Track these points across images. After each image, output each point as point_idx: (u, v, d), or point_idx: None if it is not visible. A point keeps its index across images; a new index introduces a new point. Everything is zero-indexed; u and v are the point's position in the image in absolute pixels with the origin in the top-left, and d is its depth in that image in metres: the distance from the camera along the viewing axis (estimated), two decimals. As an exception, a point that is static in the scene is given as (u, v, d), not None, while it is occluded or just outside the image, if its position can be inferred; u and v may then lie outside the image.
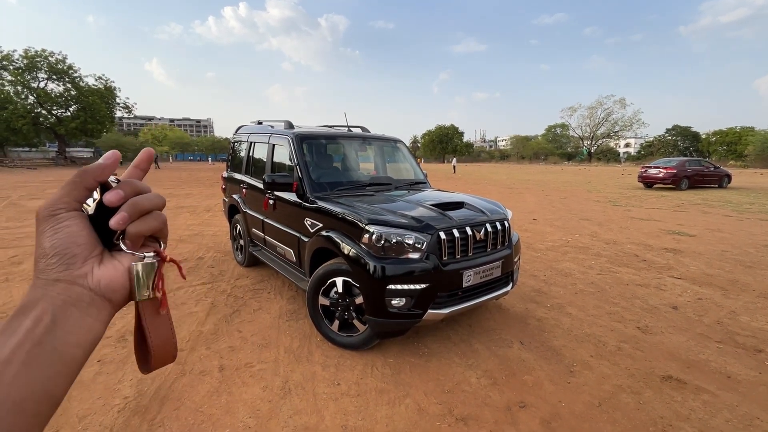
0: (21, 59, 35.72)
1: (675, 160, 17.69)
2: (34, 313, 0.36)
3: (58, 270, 0.39)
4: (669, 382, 2.55)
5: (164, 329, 0.47)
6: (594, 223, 8.58)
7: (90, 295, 0.40)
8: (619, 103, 71.08)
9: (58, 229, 0.40)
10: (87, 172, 0.42)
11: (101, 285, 0.41)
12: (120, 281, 0.42)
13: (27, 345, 0.35)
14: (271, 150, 4.16)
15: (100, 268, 0.41)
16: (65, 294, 0.38)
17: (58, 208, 0.41)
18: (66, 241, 0.40)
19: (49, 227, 0.40)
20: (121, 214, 0.42)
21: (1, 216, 8.89)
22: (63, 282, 0.39)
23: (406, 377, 2.61)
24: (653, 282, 4.55)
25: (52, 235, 0.40)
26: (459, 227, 2.80)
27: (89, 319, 0.39)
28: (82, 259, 0.40)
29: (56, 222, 0.40)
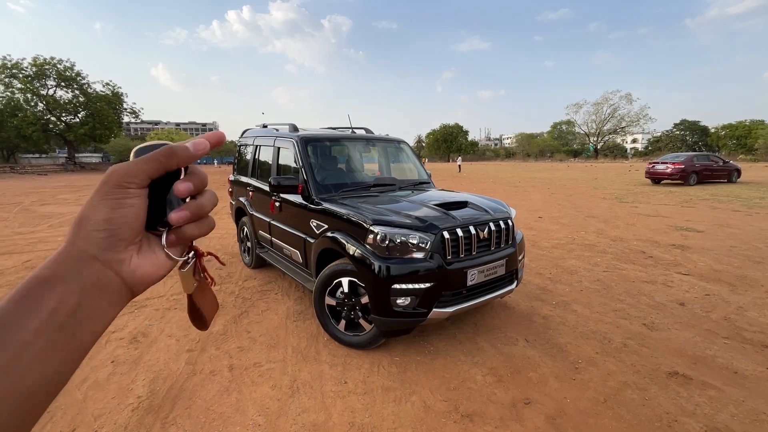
0: (30, 67, 36.37)
1: (683, 155, 17.50)
2: (60, 291, 0.34)
3: (101, 247, 0.36)
4: (675, 378, 2.56)
5: (210, 299, 0.51)
6: (600, 220, 8.54)
7: (119, 282, 0.38)
8: (626, 99, 70.34)
9: (122, 203, 0.37)
10: (175, 155, 0.40)
11: (135, 276, 0.39)
12: (154, 277, 0.41)
13: (49, 328, 0.32)
14: (276, 153, 4.22)
15: (138, 258, 0.39)
16: (96, 276, 0.36)
17: (132, 181, 0.38)
18: (123, 221, 0.37)
19: (114, 198, 0.37)
20: (183, 213, 0.41)
21: (15, 221, 9.08)
22: (99, 262, 0.36)
23: (412, 375, 2.65)
24: (660, 278, 4.54)
25: (113, 208, 0.37)
26: (462, 226, 2.83)
27: (109, 307, 0.37)
28: (126, 243, 0.38)
29: (124, 195, 0.37)
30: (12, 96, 35.96)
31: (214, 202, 0.45)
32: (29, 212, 10.61)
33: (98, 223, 0.36)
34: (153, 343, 3.07)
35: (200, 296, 0.49)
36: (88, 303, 0.35)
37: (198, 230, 0.43)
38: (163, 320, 3.50)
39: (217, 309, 0.52)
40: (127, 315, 3.61)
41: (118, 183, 0.37)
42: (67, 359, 0.34)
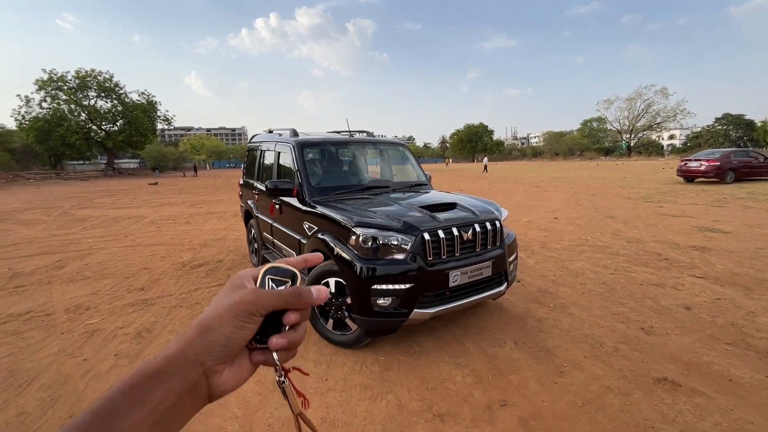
0: (74, 79, 38.93)
1: (719, 151, 16.52)
2: (165, 388, 0.37)
3: (212, 357, 0.40)
4: (662, 384, 2.47)
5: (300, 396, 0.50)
6: (619, 221, 8.23)
7: (206, 390, 0.41)
8: (661, 93, 66.92)
9: (244, 327, 0.41)
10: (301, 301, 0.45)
11: (219, 387, 0.42)
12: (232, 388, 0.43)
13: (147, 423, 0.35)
14: (277, 157, 4.37)
15: (230, 370, 0.42)
16: (194, 381, 0.39)
17: (260, 311, 0.42)
18: (240, 341, 0.41)
19: (241, 321, 0.41)
20: (282, 341, 0.44)
21: (53, 224, 9.78)
22: (203, 369, 0.39)
23: (393, 374, 2.69)
24: (670, 282, 4.35)
25: (237, 329, 0.41)
26: (444, 228, 2.85)
27: (192, 410, 0.40)
28: (230, 357, 0.42)
29: (249, 321, 0.42)
30: (58, 107, 38.65)
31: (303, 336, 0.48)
32: (67, 215, 11.38)
33: (220, 338, 0.40)
34: (155, 339, 3.27)
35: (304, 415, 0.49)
36: (180, 403, 0.38)
37: (286, 357, 0.46)
38: (168, 317, 3.71)
39: None
40: (135, 312, 3.85)
41: (250, 310, 0.42)
42: None
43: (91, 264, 5.79)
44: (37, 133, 36.92)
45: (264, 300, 0.43)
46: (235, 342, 0.41)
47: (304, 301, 0.45)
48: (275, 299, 0.43)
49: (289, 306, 0.44)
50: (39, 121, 37.16)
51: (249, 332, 0.42)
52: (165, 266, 5.58)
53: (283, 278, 0.47)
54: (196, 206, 13.21)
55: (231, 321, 0.41)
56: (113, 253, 6.45)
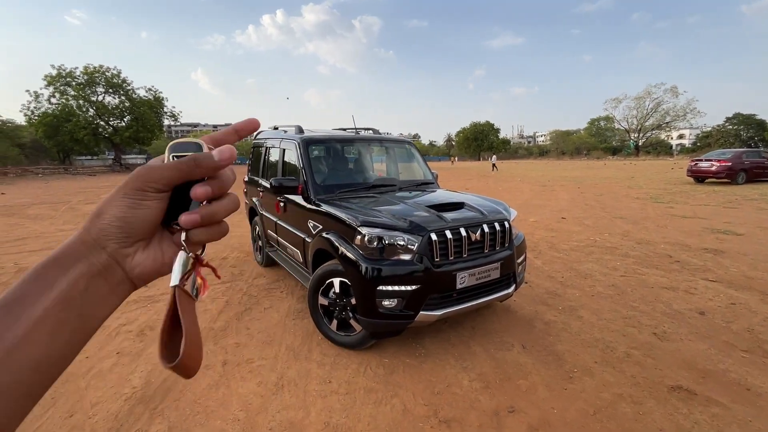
0: (82, 75, 39.17)
1: (730, 151, 16.23)
2: (72, 273, 0.36)
3: (110, 240, 0.39)
4: (677, 393, 2.39)
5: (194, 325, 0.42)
6: (628, 221, 8.09)
7: (122, 274, 0.40)
8: (671, 92, 66.00)
9: (138, 205, 0.39)
10: (199, 166, 0.41)
11: (135, 271, 0.41)
12: (153, 272, 0.42)
13: (58, 307, 0.35)
14: (282, 154, 4.32)
15: (143, 253, 0.41)
16: (102, 265, 0.38)
17: (152, 186, 0.39)
18: (135, 221, 0.39)
19: (132, 198, 0.39)
20: (193, 217, 0.41)
21: (60, 219, 9.83)
22: (106, 254, 0.38)
23: (398, 377, 2.63)
24: (683, 285, 4.24)
25: (129, 208, 0.39)
26: (452, 228, 2.78)
27: (112, 296, 0.39)
28: (134, 240, 0.40)
29: (142, 197, 0.39)
30: (66, 102, 38.92)
31: (229, 208, 0.44)
32: (75, 211, 11.45)
33: (112, 219, 0.38)
34: (157, 337, 3.23)
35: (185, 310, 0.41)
36: (94, 289, 0.37)
37: (206, 235, 0.43)
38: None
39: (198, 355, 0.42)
40: (139, 309, 3.82)
41: (139, 186, 0.39)
42: (72, 339, 0.36)
43: (96, 260, 5.79)
44: (46, 129, 37.23)
45: (154, 173, 0.39)
46: (131, 222, 0.39)
47: (204, 167, 0.41)
48: (168, 170, 0.39)
49: (187, 175, 0.40)
50: (48, 116, 37.46)
51: (146, 212, 0.39)
52: (169, 263, 5.56)
53: (186, 152, 0.42)
54: (201, 202, 13.21)
55: (120, 200, 0.38)
56: (118, 249, 6.45)
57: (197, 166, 0.40)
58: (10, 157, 39.24)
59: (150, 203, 0.39)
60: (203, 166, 0.41)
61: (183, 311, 0.41)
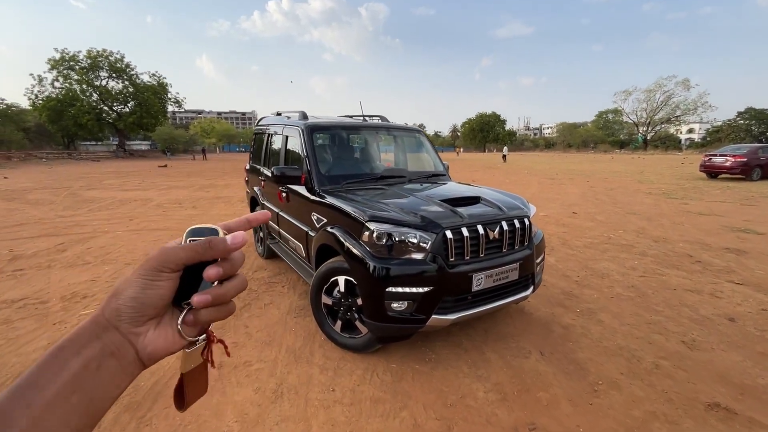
0: (85, 59, 38.81)
1: (745, 146, 15.76)
2: (85, 354, 0.37)
3: (123, 321, 0.40)
4: (715, 411, 2.17)
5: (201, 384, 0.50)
6: (642, 217, 7.81)
7: (134, 354, 0.41)
8: (682, 85, 64.56)
9: (153, 286, 0.40)
10: (212, 249, 0.43)
11: (146, 350, 0.41)
12: (164, 352, 0.43)
13: (71, 388, 0.35)
14: (284, 141, 4.07)
15: (154, 332, 0.42)
16: (115, 345, 0.39)
17: (168, 267, 0.41)
18: (150, 301, 0.40)
19: (146, 279, 0.40)
20: (205, 297, 0.43)
21: (60, 205, 9.67)
22: (120, 333, 0.40)
23: (407, 386, 2.43)
24: (707, 288, 4.00)
25: (144, 289, 0.40)
26: (469, 225, 2.54)
27: (123, 376, 0.40)
28: (146, 318, 0.41)
29: (156, 278, 0.41)
30: (70, 87, 38.66)
31: (239, 289, 0.46)
32: (75, 196, 11.29)
33: (126, 300, 0.40)
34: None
35: (193, 379, 0.48)
36: (106, 368, 0.38)
37: (216, 315, 0.45)
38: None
39: (203, 394, 0.50)
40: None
41: (156, 267, 0.40)
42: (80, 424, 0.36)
43: (94, 248, 5.61)
44: (49, 113, 37.04)
45: (170, 254, 0.41)
46: (144, 302, 0.40)
47: (217, 250, 0.43)
48: (184, 251, 0.42)
49: (201, 257, 0.42)
50: (52, 100, 37.23)
51: (161, 290, 0.41)
52: (168, 253, 5.37)
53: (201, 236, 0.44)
54: (203, 190, 13.04)
55: (136, 281, 0.40)
56: (117, 237, 6.27)
57: (210, 248, 0.43)
58: (15, 141, 39.15)
59: (162, 283, 0.41)
60: (216, 249, 0.43)
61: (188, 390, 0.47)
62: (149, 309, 0.40)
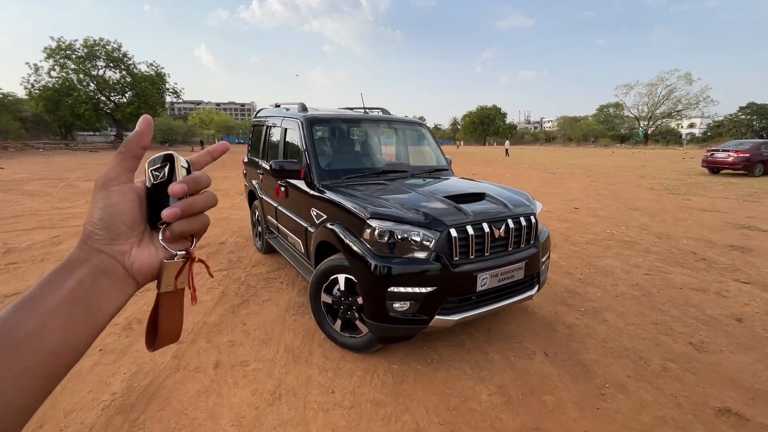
0: (81, 48, 38.28)
1: (748, 142, 15.66)
2: (77, 274, 0.41)
3: (103, 242, 0.43)
4: (726, 417, 2.11)
5: (176, 316, 0.51)
6: (645, 213, 7.73)
7: (123, 271, 0.44)
8: (684, 79, 64.04)
9: (108, 203, 0.43)
10: (128, 142, 0.46)
11: (134, 267, 0.44)
12: (150, 268, 0.46)
13: (69, 301, 0.39)
14: (283, 134, 3.96)
15: (138, 250, 0.45)
16: (104, 265, 0.42)
17: (110, 180, 0.44)
18: (113, 218, 0.43)
19: (101, 198, 0.44)
20: (174, 210, 0.45)
21: (56, 197, 9.55)
22: (104, 254, 0.43)
23: (409, 388, 2.36)
24: (713, 286, 3.93)
25: (102, 207, 0.43)
26: (474, 223, 2.45)
27: (117, 292, 0.43)
28: (125, 237, 0.44)
29: (108, 194, 0.44)
30: (66, 76, 38.18)
31: (208, 202, 0.49)
32: (72, 188, 11.16)
33: (94, 223, 0.43)
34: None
35: (168, 307, 0.49)
36: (99, 285, 0.42)
37: (188, 226, 0.48)
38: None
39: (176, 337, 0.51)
40: (128, 298, 3.55)
41: (101, 185, 0.44)
42: (84, 331, 0.40)
43: (89, 241, 5.52)
44: (46, 103, 36.61)
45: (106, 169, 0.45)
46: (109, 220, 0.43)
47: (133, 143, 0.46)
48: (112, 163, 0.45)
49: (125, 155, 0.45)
50: (48, 90, 36.78)
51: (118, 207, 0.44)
52: (164, 247, 5.28)
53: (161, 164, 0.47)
54: (201, 182, 12.89)
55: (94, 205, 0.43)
56: (113, 230, 6.17)
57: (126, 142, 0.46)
58: (11, 132, 38.75)
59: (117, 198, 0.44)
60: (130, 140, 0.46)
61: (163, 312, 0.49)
62: (118, 225, 0.43)
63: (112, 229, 0.43)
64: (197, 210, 0.48)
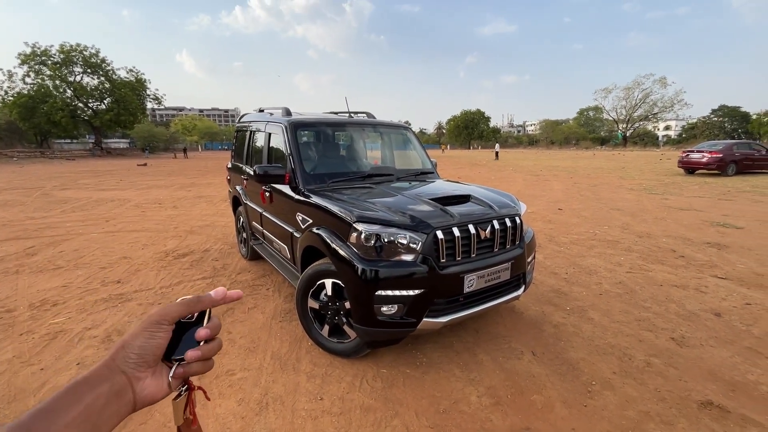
0: (58, 54, 37.28)
1: (721, 143, 16.25)
2: (96, 391, 0.44)
3: (129, 366, 0.48)
4: (708, 410, 2.16)
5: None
6: (626, 213, 7.92)
7: (131, 396, 0.48)
8: (659, 83, 66.29)
9: (154, 336, 0.50)
10: (202, 302, 0.54)
11: (142, 393, 0.49)
12: (153, 398, 0.50)
13: (83, 416, 0.42)
14: (267, 139, 3.92)
15: (150, 379, 0.50)
16: (120, 387, 0.47)
17: (165, 320, 0.51)
18: (151, 350, 0.49)
19: (150, 331, 0.50)
20: (197, 353, 0.53)
21: (31, 206, 9.23)
22: (125, 377, 0.48)
23: (398, 392, 2.34)
24: (692, 282, 4.04)
25: (147, 339, 0.49)
26: (460, 225, 2.47)
27: (121, 413, 0.47)
28: (147, 366, 0.50)
29: (157, 330, 0.50)
30: (42, 83, 37.08)
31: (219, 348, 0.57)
32: (48, 197, 10.80)
33: (134, 348, 0.49)
34: None
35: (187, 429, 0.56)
36: (110, 406, 0.45)
37: (203, 368, 0.55)
38: (143, 317, 3.31)
39: None
40: (108, 309, 3.44)
41: (156, 321, 0.50)
42: None
43: (66, 251, 5.34)
44: (20, 110, 35.45)
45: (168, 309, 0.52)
46: (147, 350, 0.49)
47: (204, 302, 0.54)
48: (177, 306, 0.52)
49: (190, 310, 0.53)
50: (23, 97, 35.64)
51: (158, 341, 0.50)
52: (146, 255, 5.15)
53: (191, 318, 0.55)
54: (184, 189, 12.67)
55: (142, 333, 0.49)
56: (91, 240, 5.99)
57: (201, 301, 0.54)
58: (-17, 140, 37.36)
59: (162, 334, 0.51)
60: (205, 302, 0.55)
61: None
62: (151, 357, 0.49)
63: (145, 358, 0.49)
64: (212, 356, 0.55)
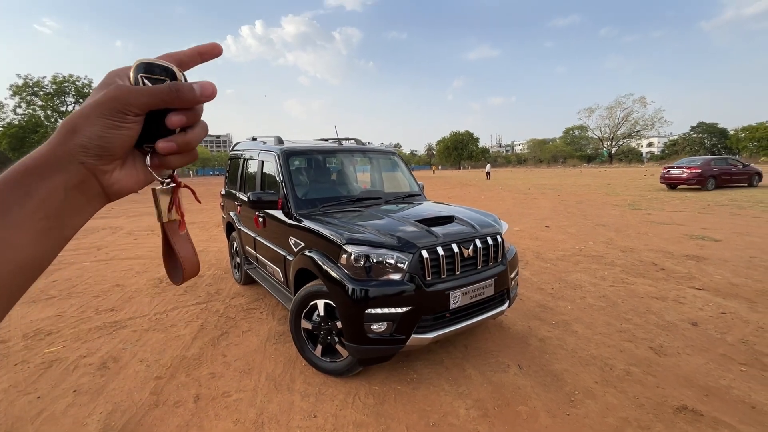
0: (50, 85, 37.66)
1: (699, 159, 16.88)
2: (49, 184, 0.36)
3: (90, 157, 0.38)
4: (683, 414, 2.28)
5: (188, 246, 0.50)
6: (611, 229, 8.17)
7: (99, 189, 0.41)
8: (639, 102, 69.01)
9: (118, 126, 0.39)
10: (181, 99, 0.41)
11: (113, 187, 0.42)
12: (129, 190, 0.44)
13: (38, 215, 0.36)
14: (260, 166, 4.09)
15: (121, 171, 0.42)
16: (79, 178, 0.38)
17: (131, 109, 0.39)
18: (117, 142, 0.39)
19: (111, 119, 0.38)
20: (171, 144, 0.42)
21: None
22: (84, 167, 0.39)
23: (390, 408, 2.42)
24: (672, 294, 4.21)
25: (109, 128, 0.38)
26: (444, 244, 2.62)
27: (89, 208, 0.41)
28: (113, 158, 0.40)
29: (121, 120, 0.39)
30: (33, 113, 37.27)
31: (201, 136, 0.46)
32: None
33: (91, 138, 0.38)
34: (122, 370, 2.92)
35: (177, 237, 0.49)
36: (71, 199, 0.38)
37: (181, 161, 0.45)
38: (138, 343, 3.36)
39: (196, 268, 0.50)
40: (103, 337, 3.48)
41: (119, 108, 0.38)
42: (51, 247, 0.38)
43: (59, 281, 5.35)
44: (10, 140, 35.45)
45: (132, 97, 0.39)
46: (112, 142, 0.39)
47: (184, 98, 0.41)
48: (147, 96, 0.40)
49: (166, 104, 0.41)
50: (13, 127, 35.74)
51: (127, 132, 0.40)
52: (140, 283, 5.19)
53: (158, 77, 0.41)
54: (177, 216, 12.68)
55: (99, 120, 0.38)
56: (84, 269, 6.01)
57: (178, 97, 0.41)
58: (-29, 171, 37.02)
59: (129, 125, 0.39)
60: (183, 99, 0.41)
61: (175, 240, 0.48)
62: (116, 150, 0.40)
63: (109, 151, 0.39)
64: (192, 147, 0.45)
